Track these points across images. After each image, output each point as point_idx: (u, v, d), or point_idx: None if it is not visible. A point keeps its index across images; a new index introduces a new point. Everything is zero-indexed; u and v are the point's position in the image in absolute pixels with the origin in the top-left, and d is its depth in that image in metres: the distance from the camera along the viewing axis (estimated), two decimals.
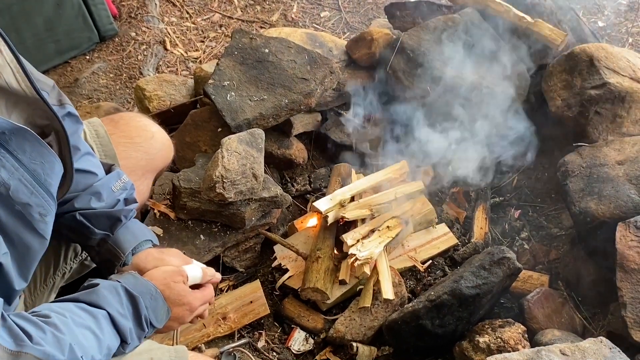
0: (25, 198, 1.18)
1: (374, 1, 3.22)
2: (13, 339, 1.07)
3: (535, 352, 1.67)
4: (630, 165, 1.94)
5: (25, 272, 1.29)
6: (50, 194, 1.25)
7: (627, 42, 3.13)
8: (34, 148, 1.20)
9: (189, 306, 1.52)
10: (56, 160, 1.25)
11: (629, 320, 1.74)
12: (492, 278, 1.86)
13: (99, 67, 2.96)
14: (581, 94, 2.07)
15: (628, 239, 1.80)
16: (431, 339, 1.88)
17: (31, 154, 1.19)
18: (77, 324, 1.23)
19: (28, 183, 1.19)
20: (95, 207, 1.51)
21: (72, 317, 1.23)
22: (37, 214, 1.21)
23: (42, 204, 1.23)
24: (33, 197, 1.19)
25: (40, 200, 1.22)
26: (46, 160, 1.23)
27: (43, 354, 1.10)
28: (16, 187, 1.16)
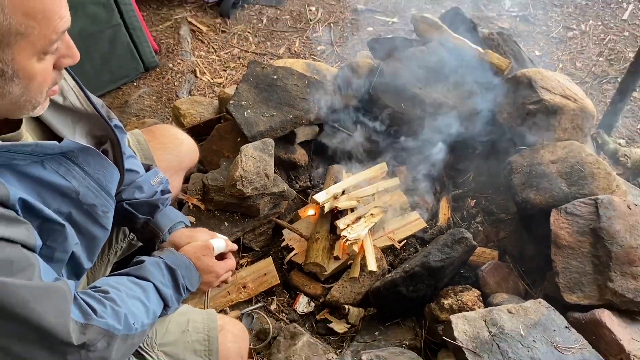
0: (91, 200, 1.20)
1: (359, 37, 3.24)
2: (82, 314, 1.07)
3: (488, 311, 1.70)
4: (561, 164, 1.98)
5: (92, 256, 1.31)
6: (110, 195, 1.28)
7: (558, 67, 3.17)
8: (96, 161, 1.23)
9: (216, 273, 1.52)
10: (114, 169, 1.28)
11: (561, 285, 1.78)
12: (453, 253, 1.89)
13: (144, 91, 2.98)
14: (522, 108, 2.11)
15: (560, 222, 1.84)
16: (406, 302, 1.90)
17: (95, 166, 1.22)
18: (129, 296, 1.23)
19: (93, 188, 1.21)
20: (138, 198, 1.54)
21: (125, 290, 1.23)
22: (101, 212, 1.24)
23: (104, 203, 1.25)
24: (97, 199, 1.22)
25: (103, 201, 1.24)
26: (106, 170, 1.26)
27: (106, 326, 1.11)
28: (84, 192, 1.18)
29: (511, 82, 2.18)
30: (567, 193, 1.90)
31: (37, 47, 0.99)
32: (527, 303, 1.71)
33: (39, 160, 1.08)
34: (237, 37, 3.30)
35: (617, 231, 1.74)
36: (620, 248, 1.72)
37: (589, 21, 3.49)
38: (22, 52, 0.97)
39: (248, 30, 3.34)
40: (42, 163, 1.08)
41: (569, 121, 2.07)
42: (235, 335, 1.56)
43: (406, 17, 3.18)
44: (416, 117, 2.28)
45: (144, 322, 1.23)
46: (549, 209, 1.87)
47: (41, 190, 1.08)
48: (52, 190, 1.10)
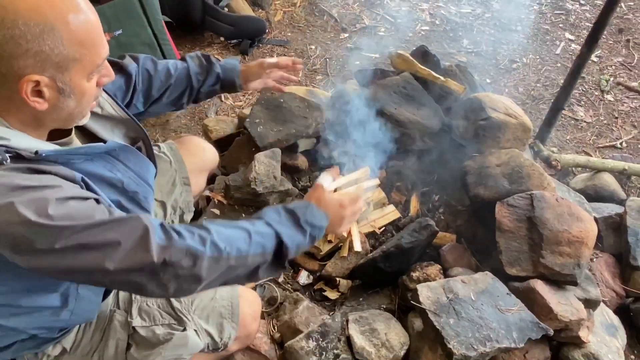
0: (134, 188, 1.20)
1: (348, 69, 3.24)
2: (165, 236, 1.00)
3: (446, 281, 1.72)
4: (504, 167, 1.99)
5: None
6: (148, 184, 1.25)
7: (504, 92, 3.18)
8: (134, 157, 1.23)
9: (341, 208, 1.32)
10: (149, 163, 1.28)
11: (503, 261, 1.79)
12: (420, 237, 1.90)
13: (181, 113, 3.00)
14: (475, 123, 2.11)
15: (503, 212, 1.85)
16: (384, 275, 1.91)
17: (133, 161, 1.22)
18: (229, 226, 1.11)
19: (134, 179, 1.20)
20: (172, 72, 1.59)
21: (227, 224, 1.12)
22: (142, 197, 1.22)
23: (144, 191, 1.23)
24: (138, 187, 1.21)
25: (142, 188, 1.23)
26: (143, 164, 1.26)
27: (186, 246, 1.01)
28: (127, 182, 1.17)
29: (466, 103, 2.20)
30: (508, 189, 1.91)
31: (87, 69, 1.00)
32: (477, 275, 1.74)
33: (90, 158, 1.07)
34: None
35: (547, 219, 1.76)
36: (550, 232, 1.74)
37: (529, 55, 3.51)
38: (77, 74, 0.99)
39: None
40: (92, 160, 1.08)
41: (511, 134, 2.09)
42: (251, 301, 1.56)
43: (385, 53, 3.20)
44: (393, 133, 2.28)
45: (240, 248, 1.07)
46: (494, 202, 1.88)
47: (94, 181, 1.06)
48: (102, 181, 1.10)
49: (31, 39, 0.89)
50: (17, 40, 0.89)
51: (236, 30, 3.36)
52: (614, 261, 2.12)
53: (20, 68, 0.91)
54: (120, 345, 1.35)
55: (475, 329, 1.53)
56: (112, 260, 0.94)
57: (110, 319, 1.35)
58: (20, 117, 0.99)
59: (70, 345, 1.35)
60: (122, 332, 1.34)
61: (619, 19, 3.77)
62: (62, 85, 0.97)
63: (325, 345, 1.63)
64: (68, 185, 0.95)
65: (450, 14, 3.84)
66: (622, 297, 2.08)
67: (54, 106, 0.99)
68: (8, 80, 0.92)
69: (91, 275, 0.98)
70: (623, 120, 3.06)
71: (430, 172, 2.35)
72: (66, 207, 0.91)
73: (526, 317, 1.59)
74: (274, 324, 1.81)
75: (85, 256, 0.94)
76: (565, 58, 3.47)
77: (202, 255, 1.01)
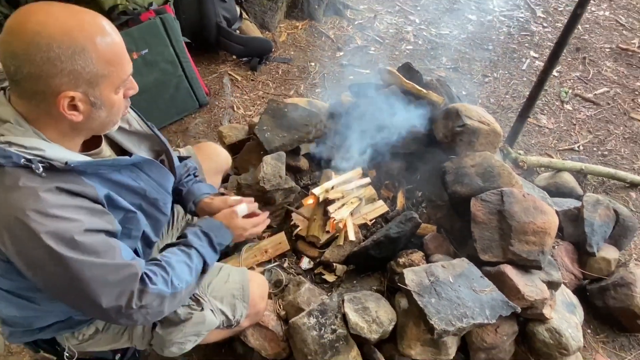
0: (154, 195, 1.20)
1: (344, 83, 3.25)
2: (142, 285, 1.06)
3: (428, 266, 1.72)
4: (478, 167, 1.98)
5: (158, 233, 1.32)
6: (167, 192, 1.27)
7: (477, 102, 3.17)
8: (157, 169, 1.23)
9: (242, 229, 1.38)
10: (169, 174, 1.29)
11: (477, 248, 1.78)
12: (406, 228, 1.89)
13: (199, 121, 2.99)
14: (452, 130, 2.10)
15: (477, 206, 1.84)
16: (375, 261, 1.91)
17: (155, 172, 1.23)
18: (177, 261, 1.18)
19: (155, 187, 1.21)
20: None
21: (174, 257, 1.18)
22: (162, 203, 1.24)
23: (164, 198, 1.25)
24: (158, 194, 1.22)
25: (162, 196, 1.24)
26: (164, 175, 1.26)
27: (157, 290, 1.08)
28: (149, 190, 1.19)
29: (445, 112, 2.18)
30: (482, 187, 1.91)
31: (115, 84, 1.00)
32: (455, 260, 1.73)
33: (117, 169, 1.08)
34: (261, 84, 3.30)
35: (515, 212, 1.75)
36: (517, 223, 1.73)
37: (499, 71, 3.50)
38: (106, 88, 0.99)
39: (268, 79, 3.34)
40: (120, 171, 1.08)
41: (484, 138, 2.08)
42: (259, 284, 1.57)
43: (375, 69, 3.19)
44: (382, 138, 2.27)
45: (187, 281, 1.17)
46: (469, 198, 1.87)
47: (119, 189, 1.07)
48: (126, 189, 1.10)
49: (65, 59, 0.89)
50: (53, 61, 0.88)
51: (246, 49, 3.36)
52: (572, 248, 2.12)
53: (57, 86, 0.91)
54: (147, 325, 1.35)
55: (454, 307, 1.53)
56: (106, 298, 0.99)
57: None
58: (59, 129, 0.99)
59: (102, 326, 1.34)
60: None
61: (577, 39, 3.76)
62: (94, 99, 0.97)
63: (324, 321, 1.63)
64: (88, 219, 0.96)
65: (431, 35, 3.83)
66: (579, 280, 2.08)
67: (88, 117, 0.99)
68: (47, 97, 0.92)
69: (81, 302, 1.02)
70: (580, 126, 3.06)
71: (414, 172, 2.34)
72: (80, 243, 0.94)
73: (497, 297, 1.59)
74: (279, 304, 1.81)
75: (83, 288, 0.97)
76: (530, 73, 3.46)
77: (166, 295, 1.09)
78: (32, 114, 0.95)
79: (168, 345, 1.34)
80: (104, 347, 1.39)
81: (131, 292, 1.02)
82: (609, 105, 3.21)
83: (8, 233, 0.91)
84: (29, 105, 0.95)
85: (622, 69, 3.50)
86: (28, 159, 0.90)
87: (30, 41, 0.86)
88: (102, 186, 1.03)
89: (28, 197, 0.89)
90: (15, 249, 0.92)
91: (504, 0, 4.21)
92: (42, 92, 0.91)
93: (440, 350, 1.61)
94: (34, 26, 0.87)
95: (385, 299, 1.73)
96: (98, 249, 0.97)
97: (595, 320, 2.05)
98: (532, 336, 1.74)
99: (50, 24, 0.87)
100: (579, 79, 3.43)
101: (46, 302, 1.13)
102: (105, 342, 1.37)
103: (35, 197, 0.89)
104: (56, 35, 0.87)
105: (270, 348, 1.69)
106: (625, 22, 3.93)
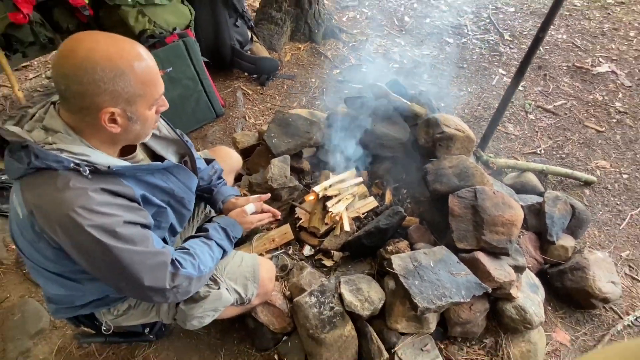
0: (181, 194, 1.22)
1: (339, 96, 3.24)
2: (174, 268, 1.09)
3: (412, 253, 1.73)
4: (455, 168, 1.98)
5: (182, 225, 1.34)
6: (192, 191, 1.27)
7: (454, 112, 3.17)
8: (184, 172, 1.25)
9: (250, 223, 1.46)
10: (193, 176, 1.30)
11: (454, 238, 1.78)
12: (393, 220, 1.89)
13: (216, 129, 2.98)
14: (432, 136, 2.10)
15: (454, 202, 1.84)
16: (366, 248, 1.91)
17: (182, 175, 1.24)
18: (202, 251, 1.22)
19: (182, 187, 1.23)
20: (202, 185, 1.52)
21: (199, 248, 1.24)
22: (187, 201, 1.25)
23: (189, 197, 1.26)
24: (184, 194, 1.24)
25: (188, 195, 1.25)
26: (189, 177, 1.28)
27: (187, 273, 1.12)
28: (177, 190, 1.21)
29: (426, 121, 2.18)
30: (458, 185, 1.91)
31: (149, 102, 1.02)
32: (435, 248, 1.73)
33: (151, 172, 1.10)
34: (269, 97, 3.29)
35: (487, 206, 1.76)
36: (488, 216, 1.74)
37: (472, 86, 3.49)
38: (141, 106, 1.01)
39: (275, 93, 3.33)
40: (153, 174, 1.10)
41: (460, 144, 2.08)
42: (268, 268, 1.58)
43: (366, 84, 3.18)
44: (374, 144, 2.29)
45: (210, 266, 1.23)
46: (447, 194, 1.88)
47: (152, 189, 1.09)
48: (158, 189, 1.12)
49: (107, 81, 0.91)
50: (97, 82, 0.90)
51: (256, 67, 3.35)
52: (535, 237, 2.12)
53: (100, 102, 0.93)
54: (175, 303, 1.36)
55: (434, 288, 1.53)
56: (146, 279, 1.02)
57: None
58: (100, 138, 1.02)
59: (134, 303, 1.34)
60: None
61: (539, 59, 3.75)
62: (131, 114, 0.99)
63: (323, 300, 1.63)
64: (126, 214, 0.99)
65: (415, 55, 3.82)
66: (541, 264, 2.09)
67: (125, 130, 1.01)
68: (91, 111, 0.94)
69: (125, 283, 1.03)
70: (541, 133, 3.06)
71: (400, 172, 2.35)
72: (120, 234, 0.96)
73: (471, 279, 1.60)
74: (285, 285, 1.81)
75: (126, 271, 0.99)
76: (499, 88, 3.45)
77: (193, 277, 1.14)
78: (78, 125, 0.98)
79: (190, 319, 1.35)
80: (136, 321, 1.39)
81: (165, 274, 1.05)
82: (566, 115, 3.21)
83: (60, 228, 0.93)
84: (75, 118, 0.97)
85: (577, 84, 3.50)
86: (77, 163, 0.93)
87: (79, 65, 0.89)
88: (138, 187, 1.05)
89: (78, 196, 0.92)
90: (68, 240, 0.94)
91: (477, 26, 4.21)
92: (87, 107, 0.93)
93: (423, 325, 1.61)
94: (83, 52, 0.89)
95: (375, 281, 1.73)
96: (135, 239, 0.99)
97: (554, 299, 2.05)
98: (501, 313, 1.74)
99: (95, 51, 0.89)
100: (541, 93, 3.42)
101: (88, 283, 1.14)
102: (136, 317, 1.37)
103: (85, 196, 0.92)
104: (100, 60, 0.89)
105: (277, 323, 1.69)
106: (580, 44, 3.93)
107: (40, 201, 0.93)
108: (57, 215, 0.92)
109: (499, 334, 1.76)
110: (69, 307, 1.23)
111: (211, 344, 1.77)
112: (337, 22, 4.11)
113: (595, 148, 2.90)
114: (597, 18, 4.27)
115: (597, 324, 1.96)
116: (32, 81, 3.30)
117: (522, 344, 1.72)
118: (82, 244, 0.94)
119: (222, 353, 1.74)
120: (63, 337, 1.80)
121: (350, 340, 1.58)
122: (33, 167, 0.91)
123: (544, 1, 4.52)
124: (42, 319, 1.84)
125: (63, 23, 2.35)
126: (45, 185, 0.92)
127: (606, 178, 2.69)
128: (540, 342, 1.76)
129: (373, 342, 1.58)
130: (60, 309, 1.24)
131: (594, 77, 3.52)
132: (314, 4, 3.69)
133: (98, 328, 1.35)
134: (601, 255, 2.05)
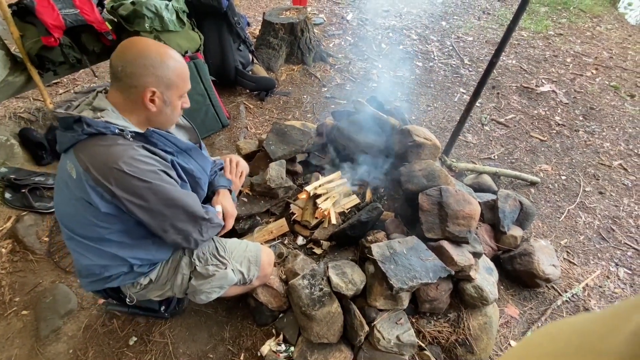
0: (199, 175, 1.24)
1: (327, 110, 3.23)
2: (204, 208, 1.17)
3: (389, 242, 1.73)
4: (424, 171, 2.00)
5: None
6: (206, 173, 1.27)
7: (423, 124, 3.19)
8: (200, 155, 1.28)
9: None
10: (208, 160, 1.30)
11: (424, 229, 1.79)
12: (373, 215, 1.90)
13: (222, 137, 2.94)
14: (405, 144, 2.11)
15: (423, 199, 1.86)
16: (350, 238, 1.91)
17: (199, 157, 1.27)
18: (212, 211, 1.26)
19: (199, 170, 1.25)
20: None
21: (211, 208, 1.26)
22: (203, 183, 1.24)
23: (204, 178, 1.25)
24: (201, 175, 1.25)
25: (203, 177, 1.25)
26: (204, 160, 1.31)
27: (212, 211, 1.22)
28: (196, 171, 1.22)
29: (400, 131, 2.20)
30: (426, 185, 1.92)
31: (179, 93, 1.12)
32: (407, 238, 1.74)
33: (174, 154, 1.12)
34: (267, 110, 3.26)
35: (450, 203, 1.78)
36: (452, 211, 1.75)
37: (438, 102, 3.52)
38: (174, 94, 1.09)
39: (273, 107, 3.31)
40: (176, 155, 1.13)
41: (428, 151, 2.10)
42: (268, 253, 1.57)
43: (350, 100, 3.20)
44: (356, 151, 2.29)
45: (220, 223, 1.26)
46: (417, 193, 1.89)
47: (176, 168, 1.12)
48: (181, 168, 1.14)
49: (155, 67, 1.01)
50: (147, 67, 1.00)
51: (256, 85, 3.33)
52: (490, 228, 2.15)
53: (146, 82, 1.01)
54: (185, 278, 1.35)
55: (407, 271, 1.54)
56: (196, 208, 1.08)
57: (179, 260, 1.34)
58: (138, 117, 1.07)
59: (155, 277, 1.33)
60: (186, 269, 1.34)
61: (493, 80, 3.82)
62: (166, 98, 1.06)
63: (314, 282, 1.63)
64: (163, 167, 1.05)
65: (390, 76, 3.85)
66: (495, 251, 2.11)
67: (159, 111, 1.07)
68: (137, 89, 1.02)
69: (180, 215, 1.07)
70: (495, 142, 3.11)
71: (379, 175, 2.35)
72: (161, 175, 1.02)
73: (438, 264, 1.61)
74: (281, 270, 1.80)
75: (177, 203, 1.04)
76: (460, 104, 3.50)
77: (213, 219, 1.17)
78: (123, 104, 1.04)
79: (199, 294, 1.34)
80: (154, 294, 1.37)
81: (200, 207, 1.11)
82: (515, 127, 3.27)
83: (113, 176, 0.97)
84: (122, 96, 1.03)
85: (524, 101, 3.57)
86: (121, 129, 1.02)
87: (137, 54, 1.00)
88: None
89: (125, 150, 0.98)
90: (120, 187, 0.98)
91: (441, 52, 4.26)
92: (135, 86, 1.01)
93: (397, 302, 1.62)
94: (140, 46, 1.01)
95: (357, 266, 1.73)
96: (174, 183, 1.06)
97: (506, 280, 2.08)
98: (462, 291, 1.76)
99: (149, 46, 1.02)
100: (494, 108, 3.48)
101: (125, 247, 1.13)
102: (155, 290, 1.35)
103: (131, 150, 0.99)
104: (152, 53, 1.00)
105: (275, 302, 1.69)
106: (526, 68, 4.01)
107: (94, 157, 0.98)
108: (109, 166, 0.96)
109: (460, 309, 1.78)
110: (98, 280, 1.21)
111: (218, 321, 1.76)
112: (325, 47, 4.12)
113: (539, 154, 2.96)
114: (540, 47, 4.37)
115: (541, 300, 2.00)
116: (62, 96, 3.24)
117: (480, 317, 1.74)
118: (133, 188, 0.98)
119: (228, 328, 1.73)
120: (89, 317, 1.77)
121: (336, 316, 1.59)
122: (86, 133, 0.97)
123: (497, 32, 4.61)
124: (71, 301, 1.81)
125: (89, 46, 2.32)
126: (97, 145, 0.98)
127: (548, 179, 2.75)
128: (495, 316, 1.79)
129: (356, 318, 1.58)
130: (92, 282, 1.22)
131: (538, 96, 3.59)
132: (305, 33, 3.70)
133: (122, 300, 1.34)
134: (544, 243, 2.09)
